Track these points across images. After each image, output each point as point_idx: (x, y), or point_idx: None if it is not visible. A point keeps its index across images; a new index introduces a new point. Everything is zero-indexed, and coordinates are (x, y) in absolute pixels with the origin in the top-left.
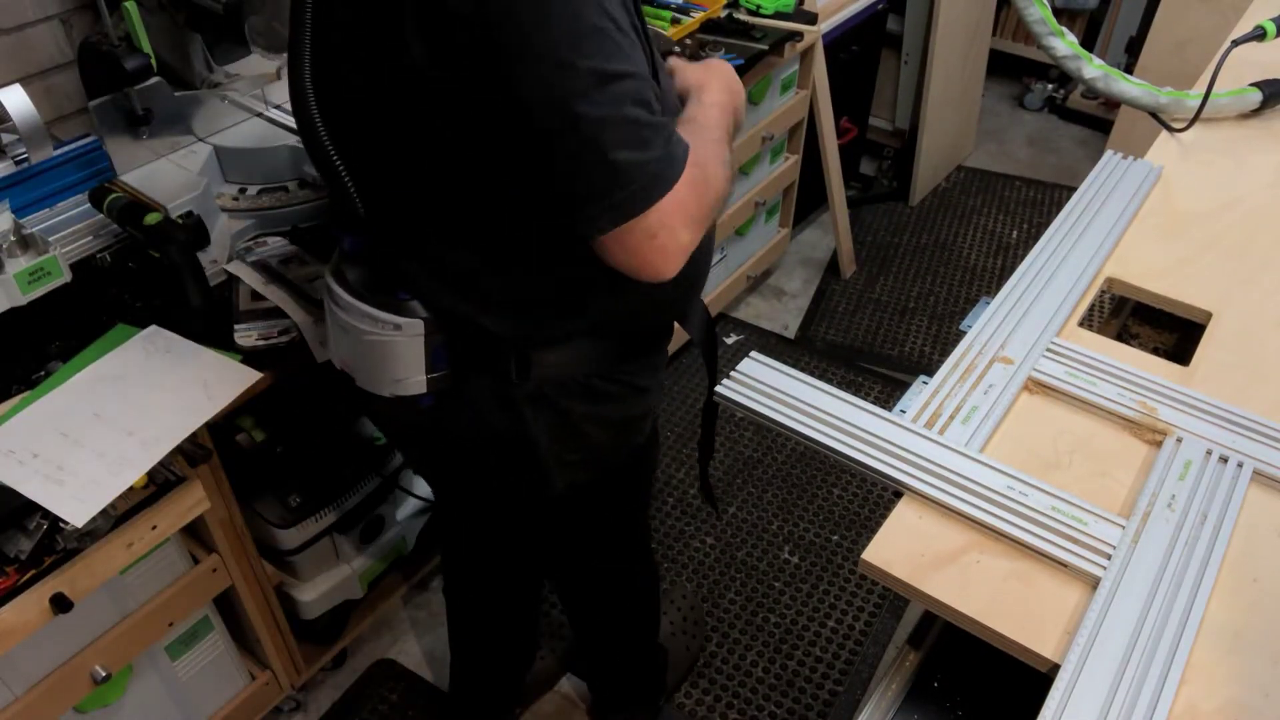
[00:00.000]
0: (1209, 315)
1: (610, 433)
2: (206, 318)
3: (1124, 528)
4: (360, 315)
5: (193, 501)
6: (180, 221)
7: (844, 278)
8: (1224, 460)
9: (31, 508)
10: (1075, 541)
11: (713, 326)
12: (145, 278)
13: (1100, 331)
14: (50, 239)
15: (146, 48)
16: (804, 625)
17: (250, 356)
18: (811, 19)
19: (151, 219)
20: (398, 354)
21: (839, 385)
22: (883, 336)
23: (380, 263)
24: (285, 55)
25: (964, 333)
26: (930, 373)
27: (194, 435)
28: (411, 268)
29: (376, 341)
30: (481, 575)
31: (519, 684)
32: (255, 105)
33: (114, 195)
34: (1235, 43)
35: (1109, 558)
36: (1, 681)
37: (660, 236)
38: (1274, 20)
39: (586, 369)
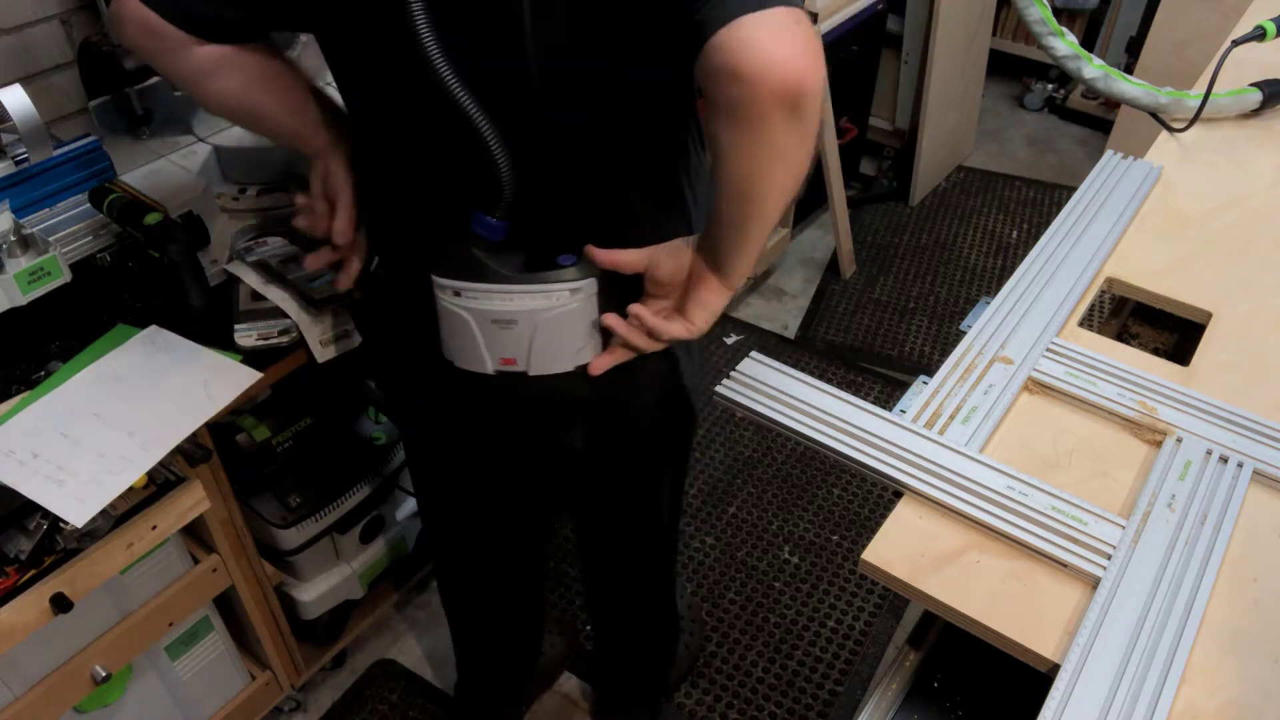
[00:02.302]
0: (1209, 315)
1: (699, 348)
2: (206, 318)
3: (1124, 528)
4: (534, 296)
5: (193, 501)
6: (180, 221)
7: (844, 278)
8: (1224, 460)
9: (31, 508)
10: (1075, 541)
11: None
12: (145, 278)
13: (1100, 331)
14: (50, 239)
15: None
16: (804, 625)
17: (250, 356)
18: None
19: (151, 219)
20: (576, 320)
21: (839, 385)
22: (883, 336)
23: (533, 232)
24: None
25: (964, 333)
26: (930, 373)
27: (194, 435)
28: (568, 225)
29: (557, 315)
30: (486, 572)
31: (527, 679)
32: None
33: (114, 195)
34: (1235, 43)
35: (1109, 558)
36: (1, 681)
37: (804, 26)
38: (1274, 20)
39: None
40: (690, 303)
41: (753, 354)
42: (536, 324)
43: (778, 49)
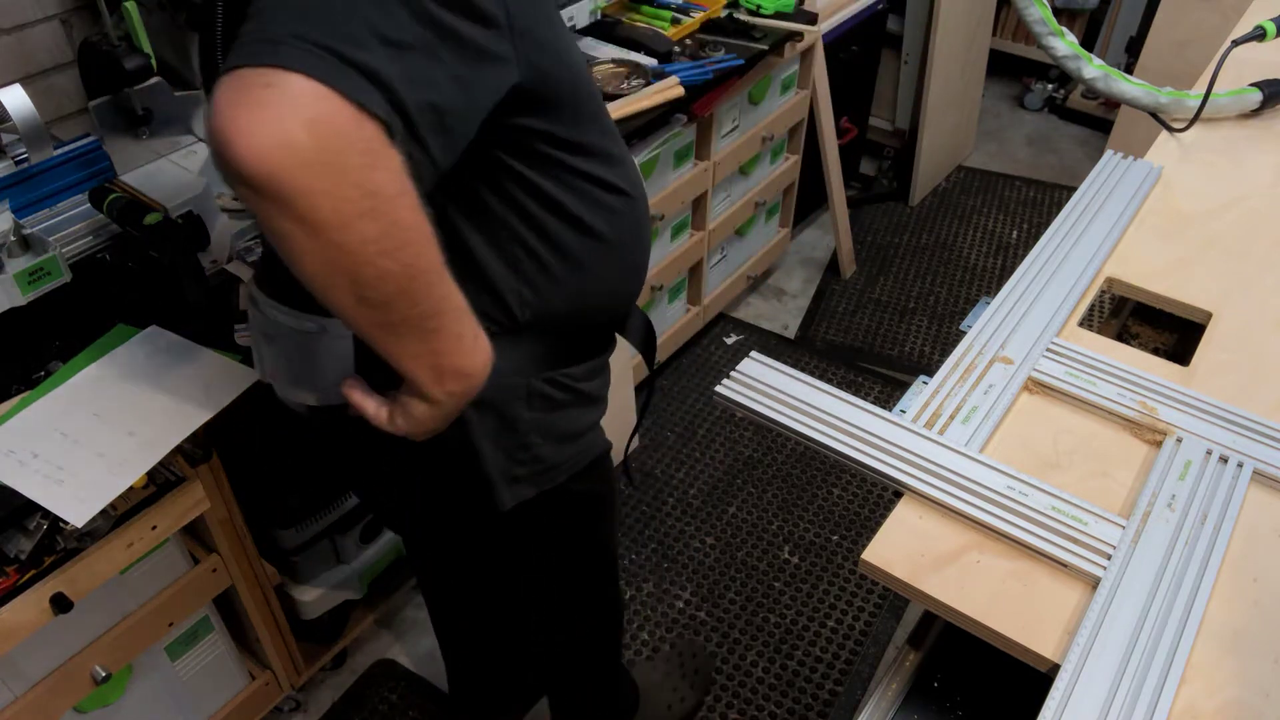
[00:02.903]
0: (1209, 315)
1: (557, 446)
2: (206, 318)
3: (1124, 528)
4: (284, 316)
5: (193, 501)
6: (180, 221)
7: (844, 278)
8: (1224, 460)
9: (31, 508)
10: (1075, 541)
11: (652, 334)
12: (145, 278)
13: (1100, 331)
14: (50, 239)
15: (146, 48)
16: (804, 625)
17: (250, 356)
18: (811, 19)
19: (151, 219)
20: (323, 357)
21: (839, 385)
22: (883, 336)
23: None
24: None
25: (964, 333)
26: (930, 373)
27: (194, 435)
28: None
29: (301, 345)
30: (456, 585)
31: (520, 684)
32: None
33: (114, 195)
34: (1235, 43)
35: (1109, 558)
36: (1, 681)
37: (275, 90)
38: (1274, 20)
39: (528, 369)
40: (394, 400)
41: (753, 354)
42: (281, 347)
43: (224, 122)
